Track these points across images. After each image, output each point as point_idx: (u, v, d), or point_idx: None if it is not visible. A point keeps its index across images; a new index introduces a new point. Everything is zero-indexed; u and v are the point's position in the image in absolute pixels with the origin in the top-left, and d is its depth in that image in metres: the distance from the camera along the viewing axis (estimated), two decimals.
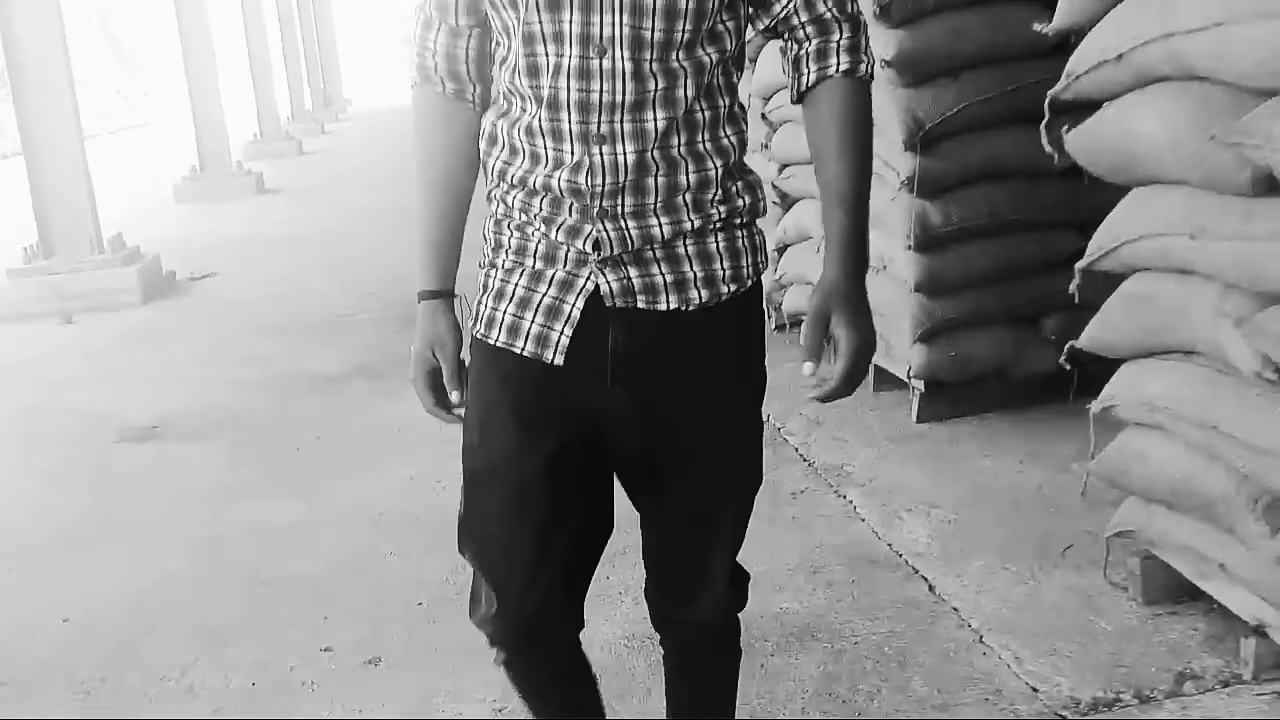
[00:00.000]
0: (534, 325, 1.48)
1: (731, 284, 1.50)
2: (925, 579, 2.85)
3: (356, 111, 24.33)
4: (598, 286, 1.45)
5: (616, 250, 1.44)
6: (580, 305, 1.46)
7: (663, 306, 1.47)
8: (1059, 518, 3.12)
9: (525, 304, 1.48)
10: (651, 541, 1.69)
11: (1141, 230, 2.41)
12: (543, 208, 1.46)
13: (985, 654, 2.50)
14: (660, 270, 1.46)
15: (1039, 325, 3.88)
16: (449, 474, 3.31)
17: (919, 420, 3.89)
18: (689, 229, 1.45)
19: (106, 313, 6.61)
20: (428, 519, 3.35)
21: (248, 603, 3.00)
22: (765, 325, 1.54)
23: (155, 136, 22.12)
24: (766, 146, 4.70)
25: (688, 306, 1.48)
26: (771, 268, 4.62)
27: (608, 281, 1.45)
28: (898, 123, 3.61)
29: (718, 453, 1.57)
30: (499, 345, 1.51)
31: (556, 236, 1.45)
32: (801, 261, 4.46)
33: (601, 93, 1.38)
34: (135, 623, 2.93)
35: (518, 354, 1.49)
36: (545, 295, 1.47)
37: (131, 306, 6.75)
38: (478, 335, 1.54)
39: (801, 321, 1.47)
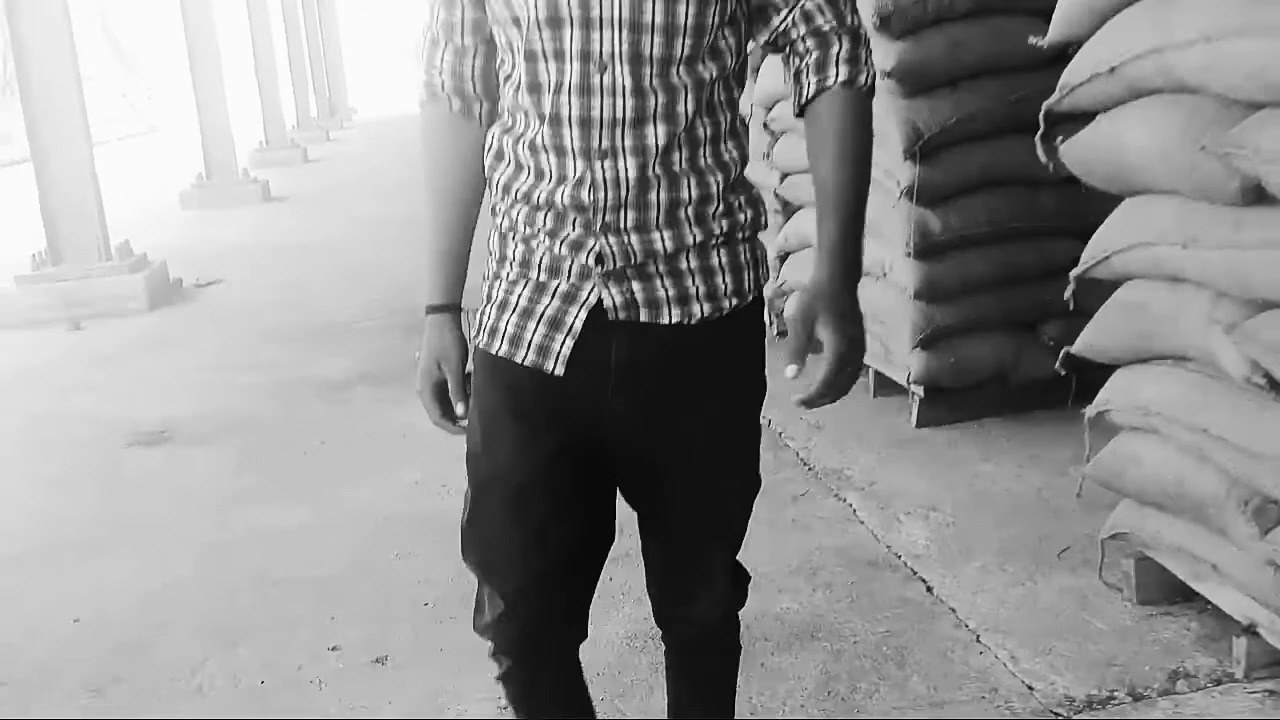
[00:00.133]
0: (536, 335, 1.49)
1: (733, 298, 1.51)
2: (923, 580, 2.89)
3: (361, 119, 24.34)
4: (601, 299, 1.46)
5: (619, 264, 1.45)
6: (582, 317, 1.47)
7: (665, 320, 1.48)
8: (1056, 521, 3.16)
9: (528, 315, 1.50)
10: (651, 543, 1.71)
11: (1135, 239, 2.44)
12: (546, 222, 1.47)
13: (982, 653, 2.54)
14: (663, 284, 1.47)
15: (1038, 331, 3.91)
16: (454, 478, 3.34)
17: (919, 425, 3.93)
18: (691, 243, 1.46)
19: (114, 319, 6.66)
20: (433, 522, 3.38)
21: (256, 604, 3.04)
22: (766, 336, 1.55)
23: (161, 143, 22.16)
24: (768, 155, 4.73)
25: (690, 320, 1.49)
26: (773, 275, 4.65)
27: (611, 295, 1.46)
28: (898, 132, 3.65)
29: (717, 460, 1.59)
30: (501, 355, 1.52)
31: (560, 250, 1.46)
32: (803, 269, 4.49)
33: (602, 109, 1.40)
34: (145, 624, 2.97)
35: (519, 364, 1.50)
36: (548, 307, 1.48)
37: (139, 313, 6.79)
38: (480, 345, 1.55)
39: None
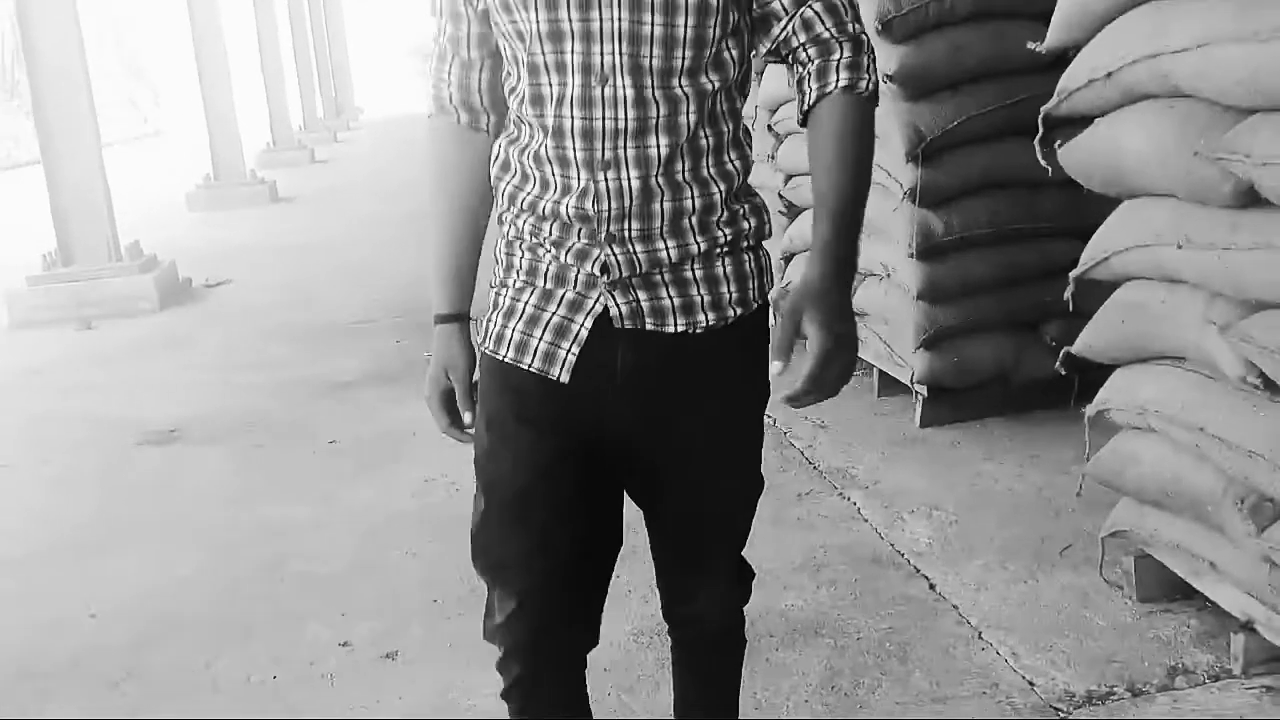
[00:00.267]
0: (542, 343, 1.50)
1: (738, 307, 1.52)
2: (926, 578, 2.93)
3: (368, 120, 24.43)
4: (607, 308, 1.48)
5: (625, 273, 1.46)
6: (588, 325, 1.48)
7: (670, 329, 1.50)
8: (1058, 519, 3.19)
9: (534, 322, 1.51)
10: (657, 542, 1.74)
11: (1133, 240, 2.48)
12: (552, 231, 1.48)
13: (984, 650, 2.57)
14: (668, 293, 1.49)
15: (1039, 331, 3.93)
16: (462, 477, 3.38)
17: (922, 425, 3.96)
18: (696, 252, 1.48)
19: (124, 319, 6.72)
20: (442, 520, 3.42)
21: (267, 600, 3.08)
22: (770, 341, 1.57)
23: (168, 145, 22.25)
24: (773, 158, 4.76)
25: (695, 329, 1.50)
26: (778, 276, 4.68)
27: (616, 304, 1.48)
28: (900, 135, 3.68)
29: (717, 461, 1.61)
30: (507, 361, 1.53)
31: (566, 259, 1.48)
32: None
33: (604, 120, 1.41)
34: (159, 620, 3.01)
35: (525, 370, 1.52)
36: (554, 314, 1.50)
37: (149, 313, 6.85)
38: (486, 351, 1.57)
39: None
